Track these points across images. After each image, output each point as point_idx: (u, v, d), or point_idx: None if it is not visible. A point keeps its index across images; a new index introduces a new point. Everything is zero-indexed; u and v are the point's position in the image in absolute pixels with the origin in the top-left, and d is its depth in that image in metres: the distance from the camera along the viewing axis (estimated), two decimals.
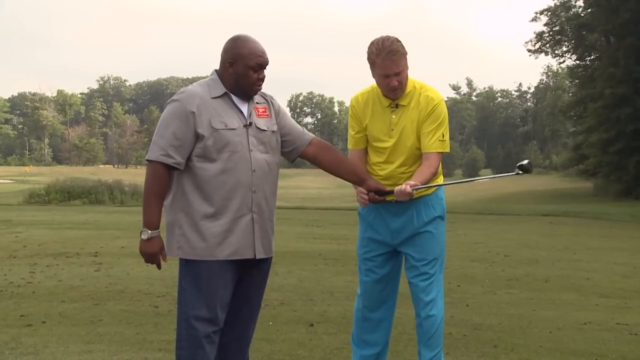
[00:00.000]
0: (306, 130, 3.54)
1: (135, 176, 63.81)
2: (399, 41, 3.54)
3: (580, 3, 43.91)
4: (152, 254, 3.15)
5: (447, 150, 3.64)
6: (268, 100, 3.39)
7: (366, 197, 3.58)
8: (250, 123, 3.24)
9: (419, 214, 3.69)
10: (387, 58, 3.48)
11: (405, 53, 3.55)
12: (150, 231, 3.11)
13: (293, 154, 3.48)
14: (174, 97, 3.17)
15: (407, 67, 3.57)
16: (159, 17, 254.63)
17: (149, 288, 7.10)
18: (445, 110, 3.63)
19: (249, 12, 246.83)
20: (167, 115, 3.15)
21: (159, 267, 3.22)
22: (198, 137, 3.12)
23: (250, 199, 3.19)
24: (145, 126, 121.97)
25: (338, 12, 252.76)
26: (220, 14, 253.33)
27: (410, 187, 3.44)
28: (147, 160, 3.12)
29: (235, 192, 3.15)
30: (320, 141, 3.56)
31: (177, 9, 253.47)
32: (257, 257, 3.24)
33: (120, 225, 15.51)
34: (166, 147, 3.09)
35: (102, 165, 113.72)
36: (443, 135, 3.58)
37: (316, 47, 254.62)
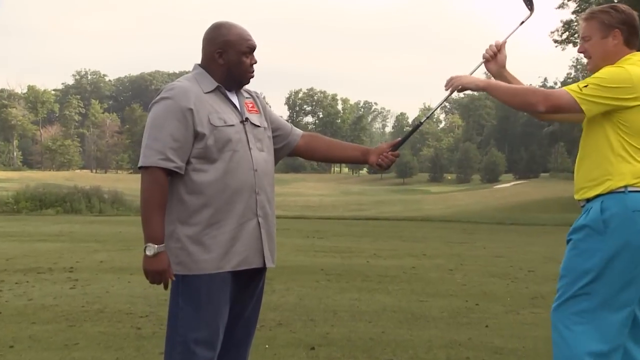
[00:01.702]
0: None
1: (116, 182, 63.91)
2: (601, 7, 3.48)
3: None
4: (160, 272, 3.11)
5: (575, 95, 3.25)
6: (253, 96, 3.45)
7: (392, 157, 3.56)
8: (247, 118, 3.28)
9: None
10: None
11: (597, 18, 3.43)
12: (156, 246, 3.08)
13: (284, 150, 3.55)
14: (163, 95, 3.17)
15: (597, 35, 3.43)
16: (142, 4, 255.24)
17: (131, 308, 7.10)
18: (614, 71, 3.29)
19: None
20: (160, 115, 3.14)
21: (165, 286, 3.18)
22: (197, 137, 3.13)
23: (254, 201, 3.21)
24: (127, 126, 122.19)
25: (343, 1, 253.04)
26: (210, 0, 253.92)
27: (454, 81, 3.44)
28: (142, 167, 3.11)
29: (239, 194, 3.17)
30: (308, 133, 3.66)
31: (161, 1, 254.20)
32: (267, 265, 3.26)
33: (98, 237, 15.51)
34: (164, 150, 3.08)
35: (79, 170, 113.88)
36: (585, 86, 3.27)
37: (318, 38, 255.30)
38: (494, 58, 3.65)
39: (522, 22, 3.67)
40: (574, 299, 3.33)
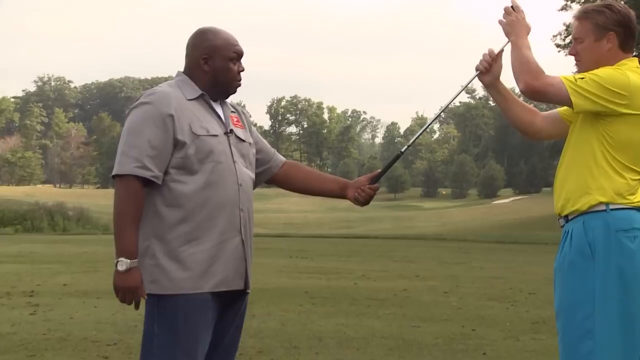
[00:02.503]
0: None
1: (82, 198, 63.64)
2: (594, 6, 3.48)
3: None
4: (132, 289, 3.08)
5: (567, 83, 3.23)
6: (239, 111, 3.48)
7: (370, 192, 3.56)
8: (231, 130, 3.30)
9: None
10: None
11: (590, 18, 3.43)
12: (129, 261, 3.06)
13: (264, 176, 3.58)
14: (142, 100, 3.18)
15: (590, 37, 3.42)
16: (111, 4, 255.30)
17: (97, 335, 7.05)
18: (612, 72, 3.29)
19: (220, 1, 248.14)
20: (138, 121, 3.14)
21: (137, 306, 3.15)
22: (177, 145, 3.13)
23: (237, 218, 3.22)
24: (94, 137, 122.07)
25: (330, 2, 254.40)
26: (187, 3, 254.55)
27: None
28: (116, 175, 3.10)
29: (221, 209, 3.17)
30: (291, 161, 3.72)
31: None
32: (248, 289, 3.27)
33: (62, 258, 15.42)
34: (141, 158, 3.08)
35: (41, 185, 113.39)
36: (582, 78, 3.25)
37: (302, 42, 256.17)
38: (489, 70, 3.62)
39: None
40: (577, 345, 3.28)
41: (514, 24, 3.49)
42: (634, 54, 3.52)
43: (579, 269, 3.28)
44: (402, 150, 3.65)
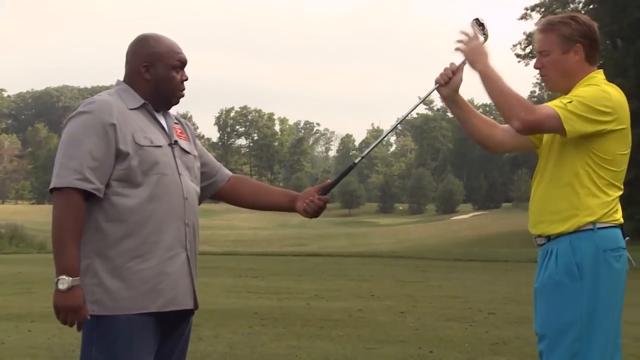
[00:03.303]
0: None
1: (15, 214, 62.57)
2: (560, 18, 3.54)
3: None
4: (74, 309, 3.04)
5: (559, 110, 3.27)
6: (182, 122, 3.49)
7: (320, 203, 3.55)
8: (175, 141, 3.30)
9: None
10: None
11: (556, 30, 3.48)
12: (70, 279, 3.02)
13: (209, 190, 3.59)
14: (81, 109, 3.16)
15: (556, 50, 3.47)
16: (48, 10, 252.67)
17: None
18: (596, 92, 3.34)
19: (164, 7, 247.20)
20: (78, 131, 3.12)
21: (79, 327, 3.11)
22: (119, 156, 3.12)
23: (183, 233, 3.22)
24: (29, 149, 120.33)
25: (284, 10, 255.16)
26: (128, 7, 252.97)
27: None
28: (55, 188, 3.07)
29: (166, 224, 3.16)
30: (238, 175, 3.73)
31: (73, 3, 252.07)
32: (196, 308, 3.26)
33: None
34: (81, 169, 3.06)
35: None
36: (569, 102, 3.30)
37: (252, 50, 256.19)
38: (448, 82, 3.66)
39: None
40: None
41: (477, 51, 3.52)
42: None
43: (566, 289, 3.31)
44: (356, 161, 3.67)
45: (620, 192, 3.41)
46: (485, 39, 3.64)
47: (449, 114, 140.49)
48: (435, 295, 13.12)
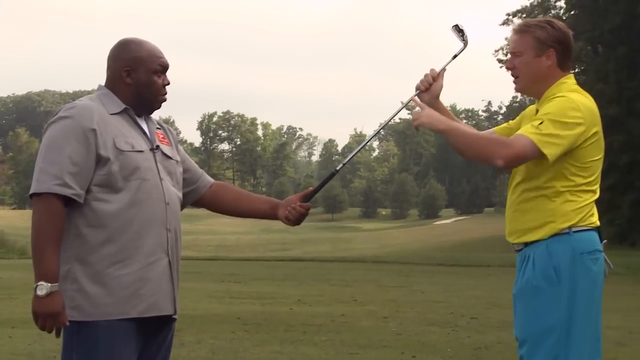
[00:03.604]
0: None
1: None
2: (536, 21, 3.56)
3: (562, 4, 45.58)
4: (53, 315, 3.03)
5: (535, 138, 3.25)
6: (165, 128, 3.49)
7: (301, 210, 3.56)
8: (157, 147, 3.30)
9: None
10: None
11: (532, 32, 3.50)
12: (49, 284, 3.01)
13: (190, 197, 3.58)
14: (61, 114, 3.16)
15: (530, 52, 3.48)
16: (29, 14, 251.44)
17: None
18: (565, 105, 3.34)
19: (146, 11, 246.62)
20: (58, 136, 3.11)
21: (58, 333, 3.10)
22: (100, 162, 3.11)
23: (165, 238, 3.22)
24: (10, 154, 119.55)
25: (271, 8, 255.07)
26: (111, 11, 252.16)
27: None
28: (35, 194, 3.06)
29: (147, 229, 3.16)
30: (219, 182, 3.73)
31: (53, 3, 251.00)
32: (175, 314, 3.26)
33: None
34: (61, 175, 3.05)
35: None
36: (541, 123, 3.29)
37: (235, 55, 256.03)
38: (429, 89, 3.67)
39: (455, 56, 3.68)
40: None
41: (431, 115, 3.50)
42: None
43: (544, 294, 3.33)
44: (338, 168, 3.68)
45: (596, 196, 3.44)
46: (465, 44, 3.65)
47: None
48: (418, 300, 13.14)
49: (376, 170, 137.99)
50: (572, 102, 3.35)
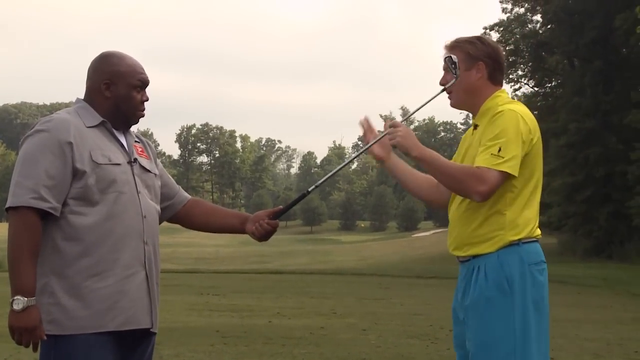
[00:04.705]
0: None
1: None
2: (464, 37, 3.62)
3: (538, 18, 45.88)
4: (30, 329, 3.01)
5: (504, 168, 3.29)
6: (143, 141, 3.49)
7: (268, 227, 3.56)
8: (135, 159, 3.29)
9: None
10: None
11: (461, 47, 3.56)
12: (25, 299, 2.99)
13: (167, 212, 3.58)
14: (38, 127, 3.15)
15: (460, 66, 3.53)
16: (4, 25, 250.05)
17: None
18: (514, 121, 3.37)
19: (125, 22, 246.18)
20: (34, 149, 3.11)
21: (35, 348, 3.07)
22: (76, 175, 3.11)
23: (142, 251, 3.21)
24: None
25: (250, 22, 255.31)
26: (88, 24, 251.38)
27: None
28: (11, 207, 3.05)
29: (124, 242, 3.15)
30: (194, 198, 3.73)
31: (31, 15, 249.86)
32: (153, 329, 3.24)
33: None
34: (37, 188, 3.04)
35: None
36: (500, 150, 3.31)
37: (214, 67, 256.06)
38: (368, 130, 3.76)
39: (444, 90, 3.63)
40: None
41: (409, 137, 3.57)
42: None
43: (497, 304, 3.36)
44: (309, 190, 3.70)
45: (538, 207, 3.50)
46: (456, 79, 3.65)
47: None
48: (397, 312, 13.16)
49: (355, 183, 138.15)
50: (516, 115, 3.39)
